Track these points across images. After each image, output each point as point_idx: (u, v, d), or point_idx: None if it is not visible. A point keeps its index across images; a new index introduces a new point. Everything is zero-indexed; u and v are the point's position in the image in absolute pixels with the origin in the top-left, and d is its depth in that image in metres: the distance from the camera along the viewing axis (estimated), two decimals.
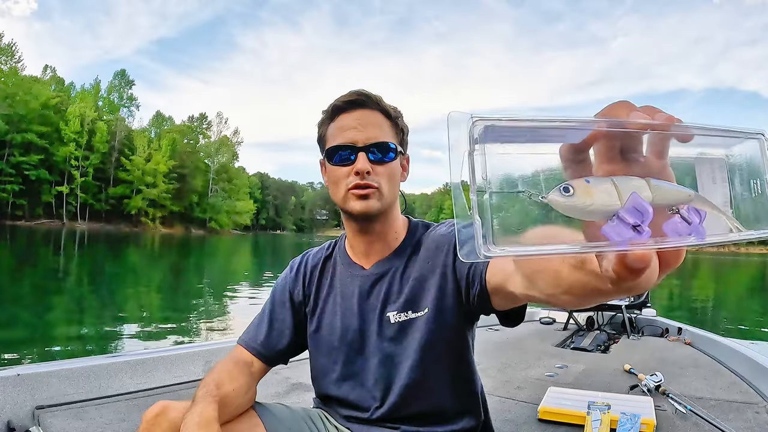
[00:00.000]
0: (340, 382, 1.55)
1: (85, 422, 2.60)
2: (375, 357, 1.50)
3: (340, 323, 1.54)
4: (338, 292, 1.58)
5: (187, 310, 11.18)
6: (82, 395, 2.87)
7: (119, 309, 11.03)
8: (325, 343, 1.57)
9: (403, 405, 1.47)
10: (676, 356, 4.75)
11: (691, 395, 3.44)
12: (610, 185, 0.45)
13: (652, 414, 2.91)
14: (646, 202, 0.44)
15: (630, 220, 0.44)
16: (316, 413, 1.60)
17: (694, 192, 0.47)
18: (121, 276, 18.51)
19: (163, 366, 3.31)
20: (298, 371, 1.57)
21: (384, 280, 1.52)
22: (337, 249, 1.66)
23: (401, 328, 1.47)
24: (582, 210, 0.44)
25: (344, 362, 1.54)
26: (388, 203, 1.48)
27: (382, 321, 1.49)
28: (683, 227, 0.46)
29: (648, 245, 0.45)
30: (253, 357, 1.60)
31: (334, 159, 1.46)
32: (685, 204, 0.47)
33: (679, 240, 0.46)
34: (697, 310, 15.29)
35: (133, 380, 3.13)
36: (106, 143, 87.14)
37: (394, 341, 1.48)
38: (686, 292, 21.45)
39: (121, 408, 2.83)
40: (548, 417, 2.96)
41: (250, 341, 1.62)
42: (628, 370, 4.07)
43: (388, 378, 1.49)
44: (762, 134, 0.50)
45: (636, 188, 0.45)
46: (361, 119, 1.45)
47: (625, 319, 5.92)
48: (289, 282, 1.67)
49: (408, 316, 1.47)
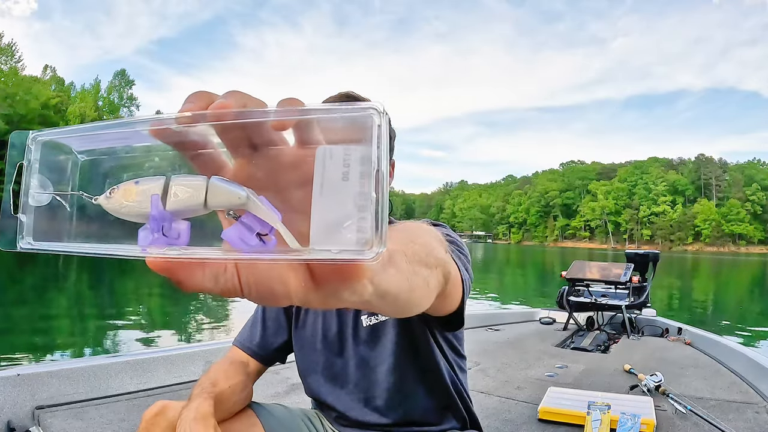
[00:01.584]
0: (324, 383, 1.56)
1: (85, 422, 2.60)
2: (352, 360, 1.51)
3: (321, 325, 1.55)
4: None
5: (187, 310, 11.17)
6: (82, 395, 2.87)
7: (120, 309, 11.04)
8: (308, 343, 1.58)
9: (387, 408, 1.48)
10: (676, 356, 4.75)
11: (691, 395, 3.44)
12: (155, 186, 0.40)
13: (652, 414, 2.91)
14: (159, 206, 0.40)
15: (153, 225, 0.40)
16: (314, 414, 1.61)
17: (246, 193, 0.39)
18: (122, 276, 18.52)
19: (163, 366, 3.31)
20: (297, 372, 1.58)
21: None
22: None
23: (373, 331, 1.49)
24: (117, 211, 0.41)
25: (325, 364, 1.55)
26: None
27: (357, 324, 1.51)
28: (244, 237, 0.39)
29: (170, 254, 0.40)
30: (248, 357, 1.61)
31: None
32: (238, 207, 0.39)
33: (233, 253, 0.39)
34: (697, 310, 15.28)
35: (133, 380, 3.14)
36: None
37: (368, 344, 1.49)
38: (686, 292, 21.46)
39: (121, 408, 2.83)
40: (548, 417, 2.97)
41: (245, 342, 1.64)
42: (628, 370, 4.08)
43: (367, 382, 1.50)
44: (374, 108, 0.38)
45: (193, 188, 0.40)
46: None
47: (625, 319, 5.92)
48: None
49: (378, 318, 1.49)
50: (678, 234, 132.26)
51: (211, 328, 9.24)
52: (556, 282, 14.66)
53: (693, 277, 33.33)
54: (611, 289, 6.41)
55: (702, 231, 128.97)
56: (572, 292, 6.39)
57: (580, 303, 6.23)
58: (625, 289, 6.28)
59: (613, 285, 6.38)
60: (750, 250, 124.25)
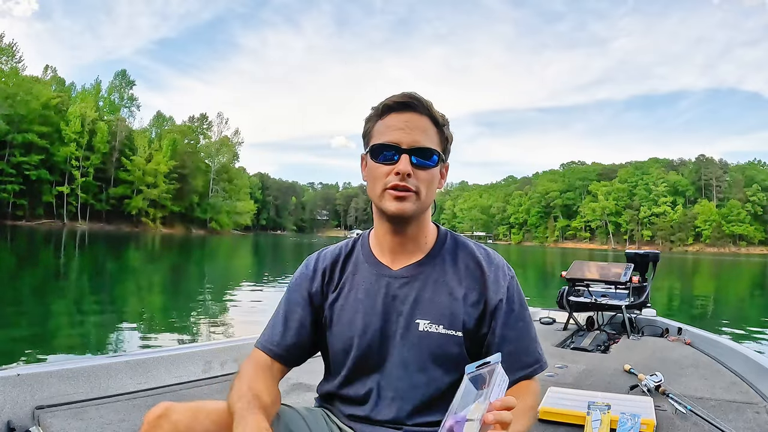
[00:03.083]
0: (350, 378, 1.54)
1: (85, 422, 2.60)
2: (393, 360, 1.49)
3: (362, 321, 1.52)
4: (361, 289, 1.56)
5: (188, 309, 11.19)
6: (82, 395, 2.86)
7: (120, 309, 11.06)
8: (342, 339, 1.54)
9: (412, 413, 1.47)
10: (676, 356, 4.75)
11: (691, 395, 3.44)
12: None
13: (652, 414, 2.91)
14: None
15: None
16: (319, 412, 1.58)
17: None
18: (122, 276, 18.54)
19: (164, 366, 3.30)
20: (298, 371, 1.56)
21: (414, 285, 1.52)
22: (359, 246, 1.64)
23: (428, 337, 1.47)
24: None
25: (359, 359, 1.52)
26: (423, 207, 1.49)
27: (410, 326, 1.49)
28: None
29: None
30: (272, 360, 1.56)
31: (377, 156, 1.47)
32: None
33: None
34: (697, 310, 15.28)
35: (133, 380, 3.13)
36: (106, 143, 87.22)
37: (417, 349, 1.48)
38: (687, 292, 21.45)
39: (121, 408, 2.83)
40: (548, 417, 2.96)
41: (267, 344, 1.58)
42: (628, 370, 4.07)
43: (402, 384, 1.48)
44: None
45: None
46: (409, 122, 1.46)
47: (625, 319, 5.92)
48: (306, 280, 1.63)
49: (438, 330, 1.47)
50: (678, 234, 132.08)
51: (211, 328, 9.23)
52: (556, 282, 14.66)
53: (693, 277, 33.32)
54: (611, 289, 6.40)
55: (702, 232, 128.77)
56: (572, 292, 6.37)
57: (580, 303, 6.22)
58: (625, 289, 6.26)
59: (613, 285, 6.36)
60: (750, 251, 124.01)
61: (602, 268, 6.62)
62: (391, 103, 1.48)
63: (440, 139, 1.51)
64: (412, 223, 1.52)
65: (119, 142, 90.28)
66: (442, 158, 1.52)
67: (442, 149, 1.51)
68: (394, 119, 1.47)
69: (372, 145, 1.49)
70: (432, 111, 1.49)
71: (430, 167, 1.47)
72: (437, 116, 1.50)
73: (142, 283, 16.90)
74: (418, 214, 1.49)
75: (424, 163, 1.46)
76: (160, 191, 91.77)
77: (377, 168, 1.47)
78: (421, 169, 1.45)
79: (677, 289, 21.97)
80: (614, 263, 6.82)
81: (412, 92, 1.49)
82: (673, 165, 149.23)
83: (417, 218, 1.51)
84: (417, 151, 1.45)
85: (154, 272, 21.00)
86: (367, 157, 1.53)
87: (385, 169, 1.45)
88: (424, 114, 1.48)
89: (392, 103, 1.48)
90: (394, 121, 1.47)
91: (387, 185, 1.45)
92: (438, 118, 1.50)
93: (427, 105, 1.49)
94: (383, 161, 1.46)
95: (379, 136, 1.48)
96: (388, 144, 1.45)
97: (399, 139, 1.44)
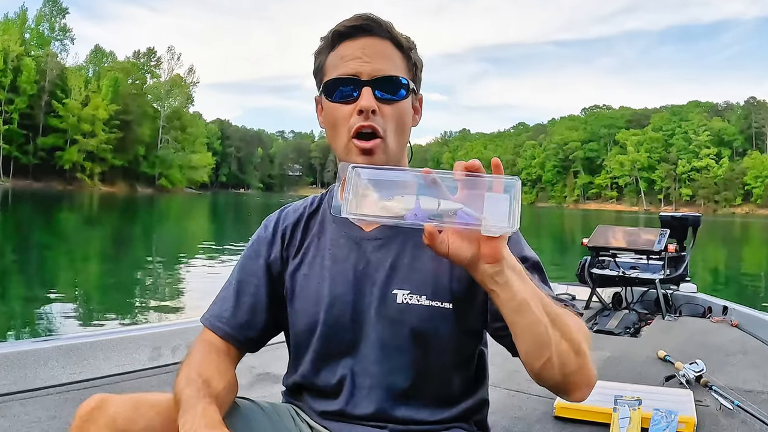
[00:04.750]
0: (318, 363, 1.50)
1: (8, 420, 2.59)
2: (367, 340, 1.46)
3: (328, 291, 1.49)
4: (327, 255, 1.53)
5: (132, 284, 11.18)
6: (4, 388, 2.85)
7: (50, 284, 11.02)
8: (306, 315, 1.51)
9: (395, 405, 1.45)
10: (720, 341, 4.78)
11: (739, 387, 3.46)
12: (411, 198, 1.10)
13: (692, 410, 2.93)
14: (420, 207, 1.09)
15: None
16: (285, 408, 1.56)
17: (460, 206, 1.08)
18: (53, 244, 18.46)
19: (103, 352, 3.29)
20: (264, 359, 1.55)
21: (390, 248, 1.48)
22: (326, 204, 1.61)
23: (409, 310, 1.43)
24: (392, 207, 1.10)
25: (326, 340, 1.48)
26: (395, 156, 1.48)
27: (386, 297, 1.45)
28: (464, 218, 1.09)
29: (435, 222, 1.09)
30: (224, 342, 1.53)
31: (333, 95, 1.45)
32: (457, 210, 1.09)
33: (458, 223, 1.09)
34: (746, 286, 15.39)
35: (65, 370, 3.12)
36: (34, 84, 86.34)
37: (396, 324, 1.44)
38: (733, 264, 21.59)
39: (52, 403, 2.82)
40: (566, 414, 2.98)
41: (215, 320, 1.54)
42: (663, 358, 4.10)
43: (380, 368, 1.45)
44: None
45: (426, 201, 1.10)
46: (366, 48, 1.43)
47: (659, 296, 5.95)
48: (264, 244, 1.60)
49: (421, 301, 1.43)
50: (724, 194, 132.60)
51: (160, 306, 9.23)
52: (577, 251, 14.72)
53: (742, 245, 33.60)
54: (642, 259, 6.42)
55: (753, 190, 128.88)
56: (595, 263, 6.40)
57: (604, 276, 6.25)
58: (660, 260, 6.29)
59: (644, 255, 6.39)
60: None
61: (632, 235, 6.64)
62: (343, 28, 1.45)
63: (407, 65, 1.49)
64: None
65: (49, 83, 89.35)
66: (413, 88, 1.50)
67: (411, 77, 1.49)
68: (348, 47, 1.44)
69: (325, 81, 1.47)
70: (393, 32, 1.47)
71: (399, 100, 1.45)
72: (400, 38, 1.48)
73: (76, 252, 16.85)
74: (392, 163, 1.45)
75: (390, 96, 1.43)
76: (99, 141, 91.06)
77: (335, 109, 1.45)
78: (387, 104, 1.43)
79: (722, 260, 22.13)
80: (646, 228, 6.84)
81: (366, 13, 1.46)
82: (718, 110, 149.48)
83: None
84: (380, 81, 1.42)
85: (92, 239, 20.95)
86: (321, 98, 1.50)
87: (345, 110, 1.43)
88: (385, 37, 1.45)
89: (344, 29, 1.45)
90: (348, 50, 1.44)
91: (351, 131, 1.42)
92: (402, 40, 1.48)
93: (387, 26, 1.45)
94: (341, 99, 1.44)
95: (332, 70, 1.46)
96: (345, 77, 1.43)
97: (357, 70, 1.41)
